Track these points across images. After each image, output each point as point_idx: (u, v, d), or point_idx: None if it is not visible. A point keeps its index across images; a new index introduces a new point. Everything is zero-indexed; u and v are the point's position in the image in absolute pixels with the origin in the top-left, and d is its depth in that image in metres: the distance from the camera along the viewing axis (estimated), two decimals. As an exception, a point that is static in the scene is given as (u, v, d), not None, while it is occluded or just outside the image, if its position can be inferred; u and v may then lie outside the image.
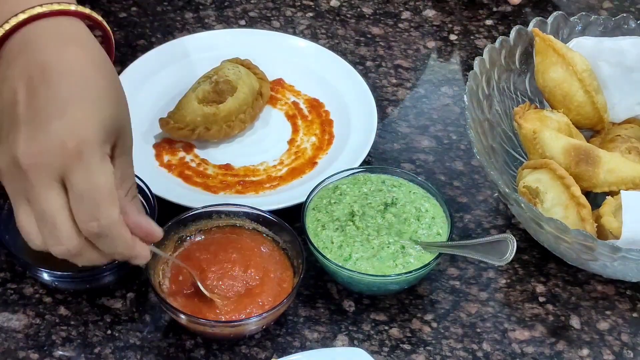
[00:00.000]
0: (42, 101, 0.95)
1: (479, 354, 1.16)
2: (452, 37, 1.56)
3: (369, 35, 1.55)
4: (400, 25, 1.57)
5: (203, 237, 1.19)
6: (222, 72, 1.38)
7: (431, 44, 1.54)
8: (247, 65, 1.41)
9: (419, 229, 1.20)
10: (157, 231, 1.05)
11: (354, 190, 1.24)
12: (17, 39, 0.99)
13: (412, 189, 1.24)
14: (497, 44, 1.32)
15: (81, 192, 0.95)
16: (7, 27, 0.98)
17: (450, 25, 1.57)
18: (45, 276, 1.15)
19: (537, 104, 1.34)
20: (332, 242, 1.18)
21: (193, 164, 1.33)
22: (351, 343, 1.16)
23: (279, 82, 1.45)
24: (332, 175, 1.25)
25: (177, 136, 1.35)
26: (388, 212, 1.21)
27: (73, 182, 0.95)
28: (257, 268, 1.15)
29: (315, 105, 1.42)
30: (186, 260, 1.16)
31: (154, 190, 1.21)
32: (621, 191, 1.19)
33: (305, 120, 1.40)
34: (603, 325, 1.20)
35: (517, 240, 1.12)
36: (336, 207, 1.22)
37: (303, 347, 1.15)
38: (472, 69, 1.29)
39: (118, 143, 1.00)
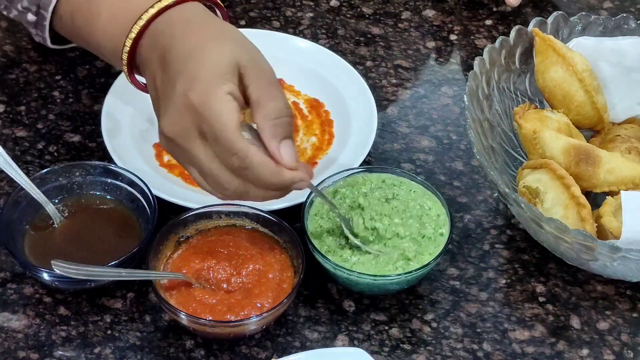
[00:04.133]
0: (169, 71, 1.07)
1: (480, 354, 1.16)
2: (452, 37, 1.55)
3: (369, 35, 1.54)
4: (400, 25, 1.57)
5: (203, 237, 1.19)
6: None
7: (431, 44, 1.54)
8: None
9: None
10: (290, 157, 1.06)
11: (353, 193, 1.23)
12: (150, 31, 1.12)
13: (412, 188, 1.24)
14: (497, 44, 1.32)
15: (214, 137, 1.03)
16: (140, 23, 1.11)
17: (450, 25, 1.57)
18: (45, 276, 1.15)
19: (537, 104, 1.34)
20: (333, 243, 1.18)
21: (193, 164, 1.33)
22: (351, 343, 1.16)
23: (279, 82, 1.44)
24: (331, 176, 1.25)
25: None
26: (388, 212, 1.21)
27: (206, 131, 1.03)
28: (257, 268, 1.15)
29: (315, 105, 1.42)
30: (186, 260, 1.16)
31: (154, 190, 1.21)
32: (621, 191, 1.18)
33: (305, 121, 1.40)
34: (603, 325, 1.20)
35: (517, 240, 1.12)
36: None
37: (303, 347, 1.15)
38: (472, 69, 1.28)
39: (246, 72, 1.06)
